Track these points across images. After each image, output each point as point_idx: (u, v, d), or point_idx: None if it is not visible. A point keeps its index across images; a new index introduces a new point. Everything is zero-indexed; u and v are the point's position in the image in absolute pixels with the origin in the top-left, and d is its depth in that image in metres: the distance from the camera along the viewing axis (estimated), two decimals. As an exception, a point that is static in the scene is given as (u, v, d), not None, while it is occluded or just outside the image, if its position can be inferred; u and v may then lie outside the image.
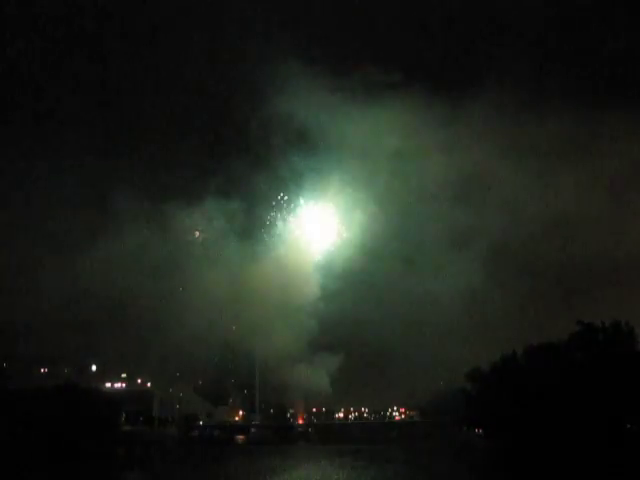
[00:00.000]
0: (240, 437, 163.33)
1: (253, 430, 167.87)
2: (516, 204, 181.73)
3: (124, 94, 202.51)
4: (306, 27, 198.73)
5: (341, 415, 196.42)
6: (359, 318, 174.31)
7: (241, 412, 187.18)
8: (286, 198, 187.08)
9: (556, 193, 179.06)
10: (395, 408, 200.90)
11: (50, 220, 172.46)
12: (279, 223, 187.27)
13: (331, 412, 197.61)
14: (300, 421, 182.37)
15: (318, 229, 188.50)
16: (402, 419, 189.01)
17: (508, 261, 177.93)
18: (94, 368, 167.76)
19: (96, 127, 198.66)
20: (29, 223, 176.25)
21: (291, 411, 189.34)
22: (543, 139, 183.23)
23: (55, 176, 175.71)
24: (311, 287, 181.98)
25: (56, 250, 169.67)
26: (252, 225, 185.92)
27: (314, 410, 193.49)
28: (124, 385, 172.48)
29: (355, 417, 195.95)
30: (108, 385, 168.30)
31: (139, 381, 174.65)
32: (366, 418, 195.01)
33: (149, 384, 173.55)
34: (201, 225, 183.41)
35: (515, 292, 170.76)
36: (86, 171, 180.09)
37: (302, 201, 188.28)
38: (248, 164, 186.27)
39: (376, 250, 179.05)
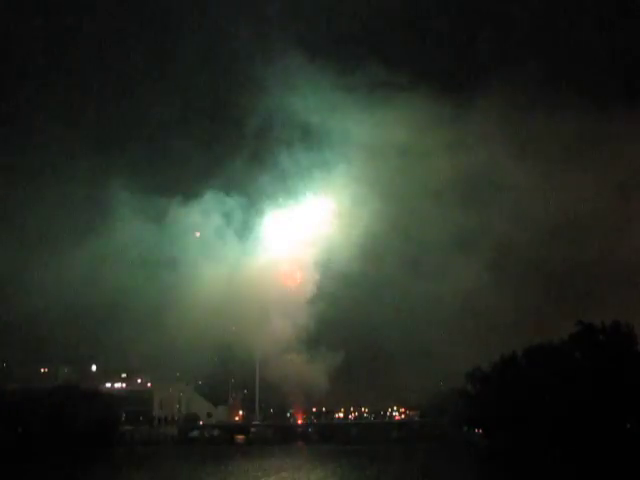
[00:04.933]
0: (240, 437, 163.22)
1: (253, 430, 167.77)
2: (520, 205, 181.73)
3: (123, 92, 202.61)
4: (312, 27, 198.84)
5: (341, 415, 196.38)
6: (359, 317, 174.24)
7: (241, 412, 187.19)
8: (288, 196, 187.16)
9: (560, 194, 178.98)
10: (395, 408, 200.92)
11: (49, 219, 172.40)
12: (280, 221, 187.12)
13: (331, 412, 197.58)
14: (300, 421, 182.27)
15: (320, 227, 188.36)
16: (402, 419, 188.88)
17: (509, 262, 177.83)
18: (94, 368, 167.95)
19: (95, 125, 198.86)
20: (27, 222, 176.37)
21: (291, 411, 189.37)
22: (550, 140, 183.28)
23: (54, 174, 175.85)
24: (311, 286, 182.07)
25: (55, 249, 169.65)
26: (253, 223, 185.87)
27: (314, 410, 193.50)
28: (124, 385, 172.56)
29: (355, 417, 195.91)
30: (108, 385, 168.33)
31: (139, 381, 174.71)
32: (366, 418, 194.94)
33: (149, 384, 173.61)
34: (201, 223, 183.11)
35: (515, 292, 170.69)
36: (85, 170, 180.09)
37: (304, 199, 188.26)
38: (250, 161, 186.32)
39: (378, 249, 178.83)
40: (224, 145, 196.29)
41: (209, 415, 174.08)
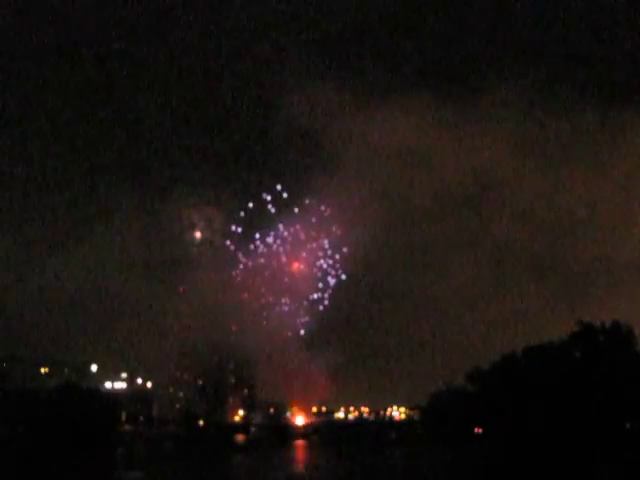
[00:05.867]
0: (240, 437, 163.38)
1: (253, 430, 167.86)
2: (520, 205, 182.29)
3: (125, 94, 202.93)
4: (312, 28, 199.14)
5: (341, 415, 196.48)
6: (360, 317, 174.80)
7: (241, 412, 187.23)
8: (289, 197, 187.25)
9: (560, 194, 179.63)
10: (395, 408, 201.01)
11: (49, 221, 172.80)
12: (280, 221, 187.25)
13: (331, 412, 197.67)
14: (300, 421, 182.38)
15: (320, 227, 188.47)
16: (402, 419, 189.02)
17: (509, 261, 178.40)
18: (94, 368, 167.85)
19: (96, 127, 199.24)
20: (28, 224, 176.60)
21: (291, 411, 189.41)
22: (550, 140, 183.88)
23: (55, 176, 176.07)
24: (312, 286, 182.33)
25: (55, 250, 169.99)
26: (253, 223, 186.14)
27: (314, 410, 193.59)
28: (124, 385, 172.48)
29: (355, 417, 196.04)
30: (108, 385, 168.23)
31: (139, 381, 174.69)
32: (366, 418, 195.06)
33: (149, 384, 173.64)
34: (201, 225, 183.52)
35: (515, 292, 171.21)
36: (85, 171, 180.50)
37: (305, 199, 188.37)
38: (251, 161, 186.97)
39: (378, 249, 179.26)
40: (225, 145, 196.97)
41: (209, 415, 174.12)
